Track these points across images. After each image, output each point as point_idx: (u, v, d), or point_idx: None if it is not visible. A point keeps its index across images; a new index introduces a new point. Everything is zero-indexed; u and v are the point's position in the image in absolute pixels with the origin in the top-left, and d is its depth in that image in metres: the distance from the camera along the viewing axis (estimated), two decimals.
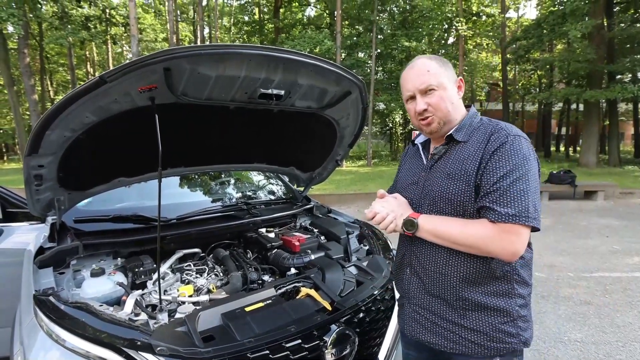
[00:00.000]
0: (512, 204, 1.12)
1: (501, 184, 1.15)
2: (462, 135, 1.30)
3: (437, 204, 1.28)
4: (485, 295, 1.23)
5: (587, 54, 15.09)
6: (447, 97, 1.30)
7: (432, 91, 1.28)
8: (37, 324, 1.42)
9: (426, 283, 1.32)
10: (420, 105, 1.30)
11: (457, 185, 1.23)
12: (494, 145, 1.20)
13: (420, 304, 1.35)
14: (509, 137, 1.19)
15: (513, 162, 1.15)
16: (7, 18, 14.24)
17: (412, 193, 1.40)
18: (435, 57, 1.34)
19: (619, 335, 3.24)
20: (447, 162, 1.30)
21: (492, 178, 1.16)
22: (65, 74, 27.95)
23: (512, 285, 1.23)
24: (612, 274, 4.67)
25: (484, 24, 24.80)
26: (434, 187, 1.30)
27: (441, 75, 1.29)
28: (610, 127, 19.34)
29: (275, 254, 2.20)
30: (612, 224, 7.31)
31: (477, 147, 1.24)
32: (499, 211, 1.13)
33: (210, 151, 2.40)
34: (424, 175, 1.37)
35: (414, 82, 1.31)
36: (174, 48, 1.46)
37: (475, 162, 1.21)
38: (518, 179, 1.14)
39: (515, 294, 1.24)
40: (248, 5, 28.86)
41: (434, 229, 1.25)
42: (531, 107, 30.52)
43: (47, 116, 1.54)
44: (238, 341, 1.36)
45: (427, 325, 1.33)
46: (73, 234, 2.01)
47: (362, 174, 15.41)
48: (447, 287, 1.27)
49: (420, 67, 1.31)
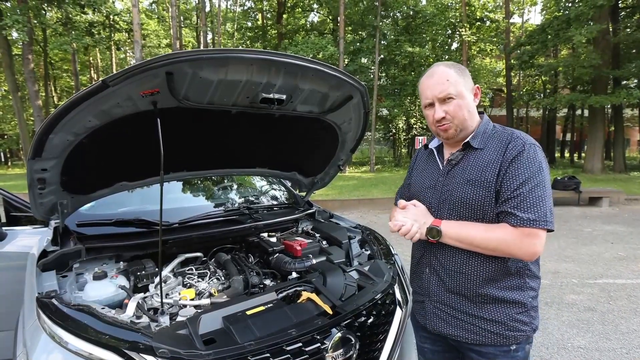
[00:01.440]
0: (532, 209, 1.21)
1: (521, 190, 1.23)
2: (478, 142, 1.37)
3: (458, 209, 1.36)
4: (502, 290, 1.33)
5: (592, 59, 15.05)
6: (465, 106, 1.35)
7: (451, 100, 1.34)
8: (39, 326, 1.42)
9: (446, 281, 1.41)
10: (439, 113, 1.36)
11: (477, 192, 1.31)
12: (511, 153, 1.28)
13: (441, 300, 1.44)
14: (525, 146, 1.27)
15: (530, 170, 1.24)
16: (12, 24, 14.44)
17: (430, 197, 1.47)
18: (454, 65, 1.39)
19: (623, 342, 3.21)
20: (466, 168, 1.37)
21: (512, 185, 1.25)
22: (69, 79, 28.24)
23: (525, 279, 1.34)
24: (617, 280, 4.64)
25: (488, 29, 24.85)
26: (454, 193, 1.37)
27: (459, 84, 1.34)
28: (616, 132, 19.26)
29: (276, 258, 2.20)
30: (617, 230, 7.26)
31: (495, 155, 1.31)
32: (520, 216, 1.22)
33: (212, 156, 2.41)
34: (442, 180, 1.44)
35: (432, 91, 1.36)
36: (176, 52, 1.47)
37: (495, 169, 1.29)
38: (536, 185, 1.23)
39: (528, 287, 1.35)
40: (251, 11, 29.11)
41: (457, 235, 1.33)
42: (535, 112, 30.47)
43: (50, 120, 1.55)
44: (239, 344, 1.36)
45: (448, 320, 1.43)
46: (76, 238, 2.02)
47: (365, 180, 15.40)
48: (466, 284, 1.36)
49: (440, 75, 1.35)
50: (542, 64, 19.67)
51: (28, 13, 15.81)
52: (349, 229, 2.70)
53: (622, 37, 16.47)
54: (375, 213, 9.24)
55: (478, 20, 24.46)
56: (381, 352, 1.74)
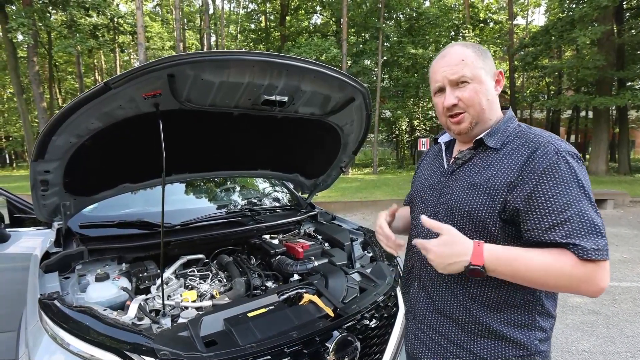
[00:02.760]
0: (593, 237, 0.93)
1: (570, 212, 0.95)
2: (494, 140, 1.10)
3: (454, 216, 1.11)
4: (502, 323, 1.06)
5: (596, 60, 14.98)
6: (483, 92, 1.09)
7: (465, 84, 1.08)
8: (42, 327, 1.43)
9: (435, 300, 1.16)
10: (450, 99, 1.10)
11: (479, 198, 1.06)
12: (541, 163, 0.98)
13: (427, 322, 1.19)
14: (558, 154, 0.98)
15: (574, 184, 0.96)
16: (18, 27, 14.60)
17: (427, 199, 1.23)
18: (472, 45, 1.14)
19: (628, 345, 3.19)
20: (473, 169, 1.11)
21: (552, 205, 0.96)
22: (74, 81, 28.48)
23: (534, 316, 1.06)
24: (622, 283, 4.60)
25: (491, 30, 24.84)
26: (453, 197, 1.12)
27: (477, 66, 1.09)
28: (621, 134, 19.15)
29: (278, 260, 2.20)
30: (622, 232, 7.21)
31: (514, 161, 1.03)
32: (582, 245, 0.93)
33: (214, 157, 2.42)
34: (443, 180, 1.19)
35: (444, 72, 1.11)
36: (177, 54, 1.47)
37: (509, 176, 1.02)
38: (588, 206, 0.95)
39: (536, 327, 1.07)
40: (254, 13, 29.19)
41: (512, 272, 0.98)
42: (539, 114, 30.38)
43: (53, 122, 1.56)
44: (240, 346, 1.36)
45: (432, 346, 1.17)
46: (78, 239, 2.03)
47: (368, 182, 15.38)
48: (457, 306, 1.11)
49: (453, 55, 1.11)
50: (546, 65, 19.61)
51: (33, 16, 15.94)
52: (351, 231, 2.70)
53: (626, 38, 16.39)
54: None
55: (481, 21, 24.46)
56: (383, 354, 1.73)
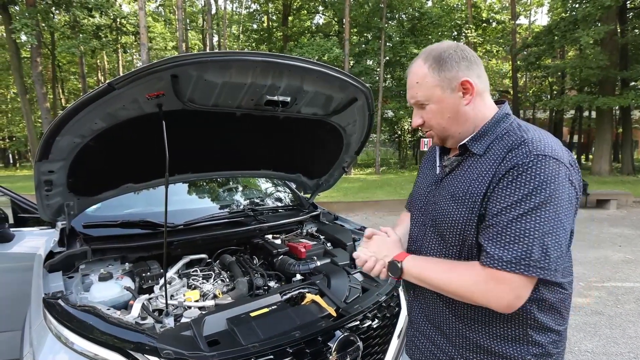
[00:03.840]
0: (509, 245, 0.89)
1: (501, 217, 0.91)
2: (479, 146, 1.04)
3: (439, 228, 1.09)
4: (490, 338, 1.02)
5: (599, 60, 14.95)
6: (442, 111, 1.06)
7: (424, 105, 1.08)
8: (46, 326, 1.44)
9: (426, 310, 1.17)
10: (415, 120, 1.13)
11: (459, 210, 1.02)
12: (507, 165, 0.94)
13: (421, 330, 1.20)
14: (529, 157, 0.91)
15: (523, 190, 0.89)
16: (21, 28, 14.68)
17: (420, 208, 1.21)
18: (431, 57, 1.05)
19: (631, 346, 3.18)
20: (456, 179, 1.07)
21: (494, 209, 0.94)
22: (77, 82, 28.60)
23: (525, 330, 1.00)
24: (625, 284, 4.59)
25: (494, 30, 24.79)
26: (437, 208, 1.10)
27: (432, 85, 1.04)
28: (624, 134, 19.10)
29: (281, 260, 2.20)
30: (625, 233, 7.19)
31: (491, 164, 0.98)
32: (491, 253, 0.91)
33: (217, 157, 2.42)
34: (433, 189, 1.16)
35: (408, 93, 1.12)
36: (180, 55, 1.48)
37: (484, 184, 0.98)
38: (525, 214, 0.89)
39: (529, 341, 1.00)
40: (257, 14, 29.27)
41: (419, 274, 1.06)
42: (542, 114, 30.31)
43: (57, 122, 1.57)
44: (243, 346, 1.36)
45: (426, 353, 1.18)
46: (82, 239, 2.04)
47: (370, 182, 15.38)
48: (444, 319, 1.10)
49: (411, 76, 1.10)
50: (549, 65, 19.57)
51: (36, 17, 16.03)
52: (353, 231, 2.70)
53: (630, 38, 16.34)
54: (381, 215, 9.22)
55: (484, 21, 24.41)
56: (385, 354, 1.74)
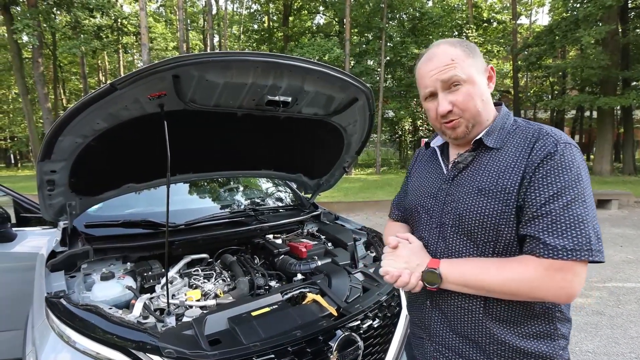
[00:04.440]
0: (567, 233, 0.88)
1: (552, 206, 0.90)
2: (493, 140, 1.05)
3: (464, 225, 1.04)
4: (523, 338, 1.00)
5: (600, 60, 14.92)
6: (477, 93, 1.03)
7: (458, 86, 1.02)
8: (48, 325, 1.44)
9: (450, 319, 1.08)
10: (444, 105, 1.04)
11: (491, 204, 0.99)
12: (538, 154, 0.95)
13: (445, 343, 1.10)
14: (558, 145, 0.94)
15: (566, 177, 0.91)
16: (23, 28, 14.73)
17: (430, 208, 1.15)
18: (459, 42, 1.07)
19: (632, 346, 3.18)
20: (477, 173, 1.05)
21: (538, 198, 0.92)
22: (78, 82, 28.66)
23: (555, 324, 1.00)
24: (626, 284, 4.58)
25: (495, 30, 24.77)
26: (460, 204, 1.05)
27: (469, 65, 1.03)
28: (625, 134, 19.05)
29: (282, 260, 2.21)
30: (627, 233, 7.18)
31: (517, 157, 0.99)
32: (551, 244, 0.88)
33: (218, 157, 2.43)
34: (445, 187, 1.12)
35: (434, 75, 1.04)
36: (182, 55, 1.49)
37: (517, 175, 0.97)
38: (574, 200, 0.89)
39: (558, 335, 1.01)
40: (257, 14, 29.30)
41: (461, 279, 0.99)
42: (543, 114, 30.27)
43: (60, 123, 1.58)
44: (244, 345, 1.37)
45: None
46: (84, 239, 2.05)
47: (371, 182, 15.38)
48: (474, 325, 1.03)
49: (441, 56, 1.04)
50: (550, 65, 19.55)
51: (38, 17, 16.06)
52: (354, 230, 2.70)
53: (631, 37, 16.31)
54: (381, 215, 9.21)
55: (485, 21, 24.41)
56: (386, 354, 1.74)
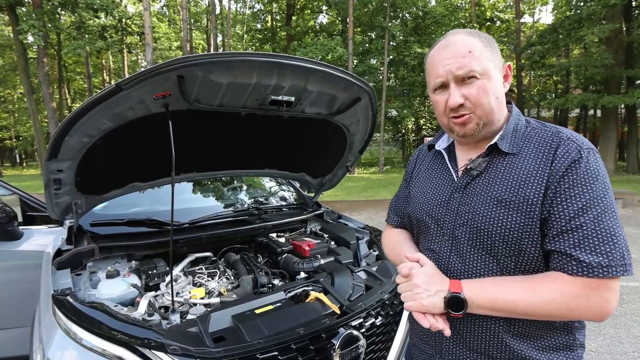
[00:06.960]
0: (601, 248, 0.81)
1: (583, 220, 0.83)
2: (508, 144, 0.97)
3: (483, 239, 0.96)
4: (543, 351, 0.94)
5: (604, 58, 14.81)
6: (492, 89, 0.95)
7: (473, 80, 0.94)
8: (55, 322, 1.46)
9: (465, 336, 1.01)
10: (456, 97, 0.95)
11: (512, 216, 0.91)
12: (562, 163, 0.88)
13: None
14: (582, 152, 0.87)
15: (594, 187, 0.84)
16: (28, 29, 14.84)
17: (440, 219, 1.06)
18: (478, 33, 0.99)
19: (636, 345, 3.17)
20: (494, 181, 0.96)
21: (566, 211, 0.85)
22: (82, 82, 28.78)
23: (574, 335, 0.96)
24: (630, 283, 4.56)
25: (498, 29, 24.67)
26: (477, 216, 0.97)
27: (487, 59, 0.95)
28: (629, 133, 18.91)
29: (285, 259, 2.22)
30: (631, 232, 7.14)
31: (538, 164, 0.91)
32: (585, 261, 0.82)
33: (222, 157, 2.45)
34: (458, 197, 1.03)
35: (448, 65, 0.95)
36: (187, 56, 1.50)
37: (540, 185, 0.89)
38: (604, 212, 0.83)
39: (577, 344, 0.96)
40: (260, 13, 29.26)
41: (490, 303, 0.90)
42: (547, 113, 30.10)
43: (67, 122, 1.60)
44: (248, 342, 1.38)
45: None
46: (89, 237, 2.07)
47: (374, 181, 15.35)
48: (493, 342, 0.97)
49: (459, 45, 0.95)
50: (554, 64, 19.43)
51: (43, 18, 16.15)
52: (357, 229, 2.71)
53: (635, 36, 16.17)
54: (384, 214, 9.17)
55: (488, 20, 24.32)
56: (389, 352, 1.75)
